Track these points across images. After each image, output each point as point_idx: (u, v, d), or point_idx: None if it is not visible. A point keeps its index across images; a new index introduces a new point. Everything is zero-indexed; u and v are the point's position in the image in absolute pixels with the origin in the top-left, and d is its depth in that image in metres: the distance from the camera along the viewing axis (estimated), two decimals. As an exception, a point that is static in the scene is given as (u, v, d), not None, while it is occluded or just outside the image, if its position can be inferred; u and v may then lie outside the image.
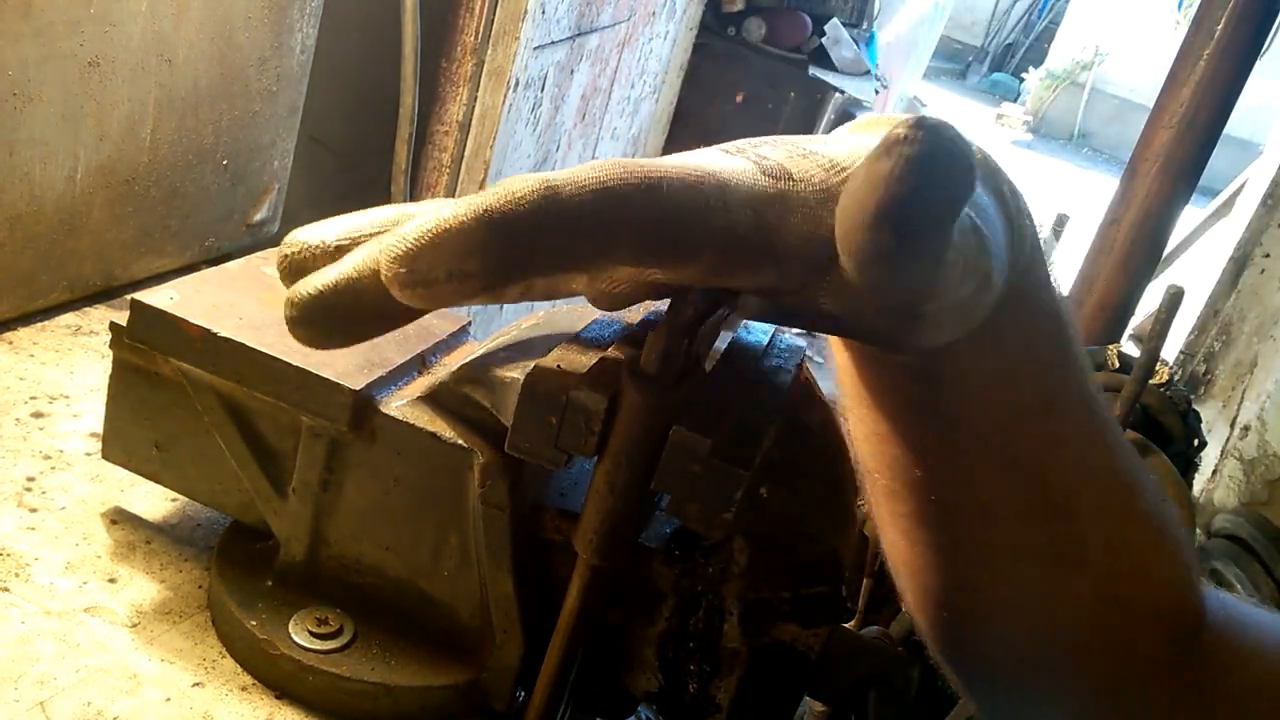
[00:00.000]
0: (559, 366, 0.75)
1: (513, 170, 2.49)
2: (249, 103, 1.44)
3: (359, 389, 0.81)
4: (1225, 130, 2.22)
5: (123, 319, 0.86)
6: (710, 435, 0.70)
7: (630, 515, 0.75)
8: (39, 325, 1.24)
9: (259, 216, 1.55)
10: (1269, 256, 3.67)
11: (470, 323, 1.00)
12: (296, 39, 1.49)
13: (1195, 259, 4.41)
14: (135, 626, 0.86)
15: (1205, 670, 0.67)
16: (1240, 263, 3.77)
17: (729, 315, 0.82)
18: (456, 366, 0.83)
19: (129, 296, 0.85)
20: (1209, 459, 3.42)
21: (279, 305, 0.55)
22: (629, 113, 3.49)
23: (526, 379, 0.73)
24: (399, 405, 0.83)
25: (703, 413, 0.71)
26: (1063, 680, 0.70)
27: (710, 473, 0.70)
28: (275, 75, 1.47)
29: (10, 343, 1.19)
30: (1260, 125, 10.88)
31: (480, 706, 0.87)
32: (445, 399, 0.83)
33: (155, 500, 1.00)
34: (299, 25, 1.48)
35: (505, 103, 2.20)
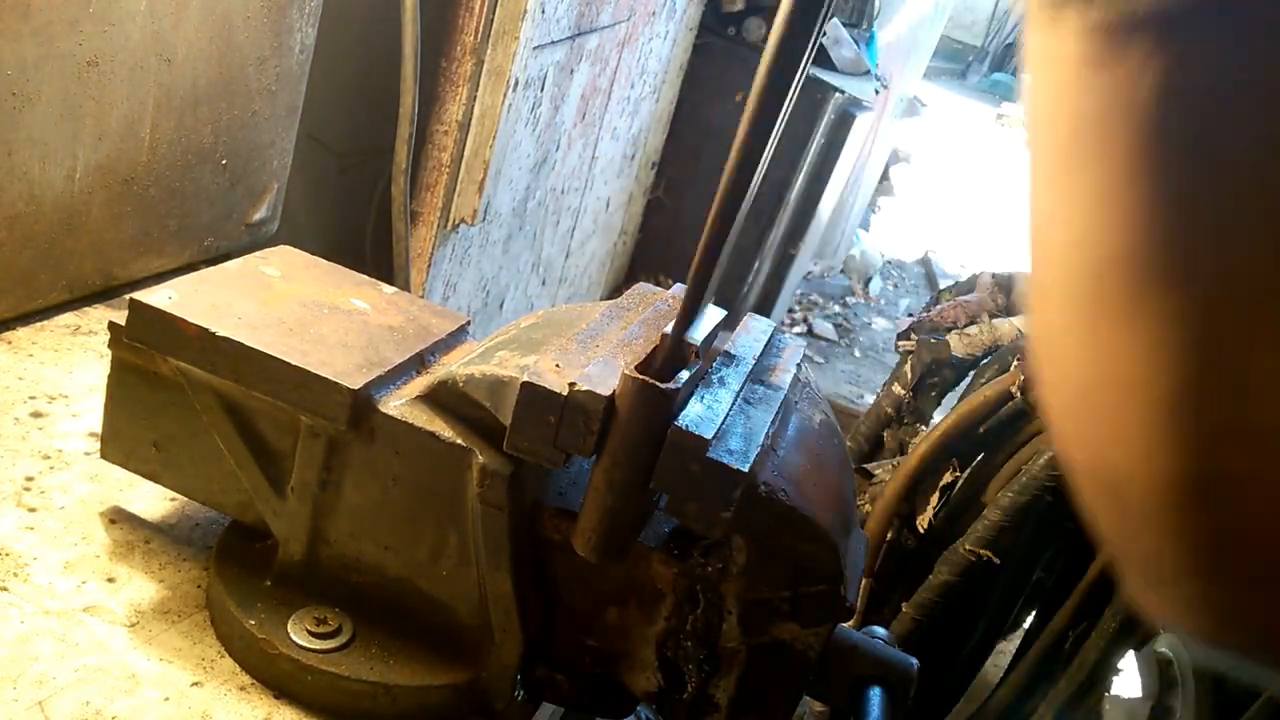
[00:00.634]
0: (558, 366, 0.75)
1: (512, 170, 2.48)
2: (248, 102, 1.44)
3: (357, 388, 0.81)
4: (1226, 130, 2.22)
5: (122, 319, 0.86)
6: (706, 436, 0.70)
7: (629, 514, 0.75)
8: (38, 325, 1.24)
9: (258, 216, 1.55)
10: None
11: (469, 322, 0.99)
12: (295, 39, 1.49)
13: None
14: (134, 626, 0.86)
15: None
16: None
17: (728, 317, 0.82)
18: (455, 366, 0.83)
19: (128, 296, 0.85)
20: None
21: (278, 305, 0.55)
22: (629, 113, 3.49)
23: (525, 379, 0.73)
24: (398, 404, 0.83)
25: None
26: None
27: (709, 472, 0.70)
28: (274, 75, 1.47)
29: (9, 342, 1.19)
30: (1260, 125, 10.87)
31: (479, 706, 0.87)
32: (444, 398, 0.83)
33: (154, 500, 1.00)
34: (298, 25, 1.48)
35: (505, 103, 2.20)
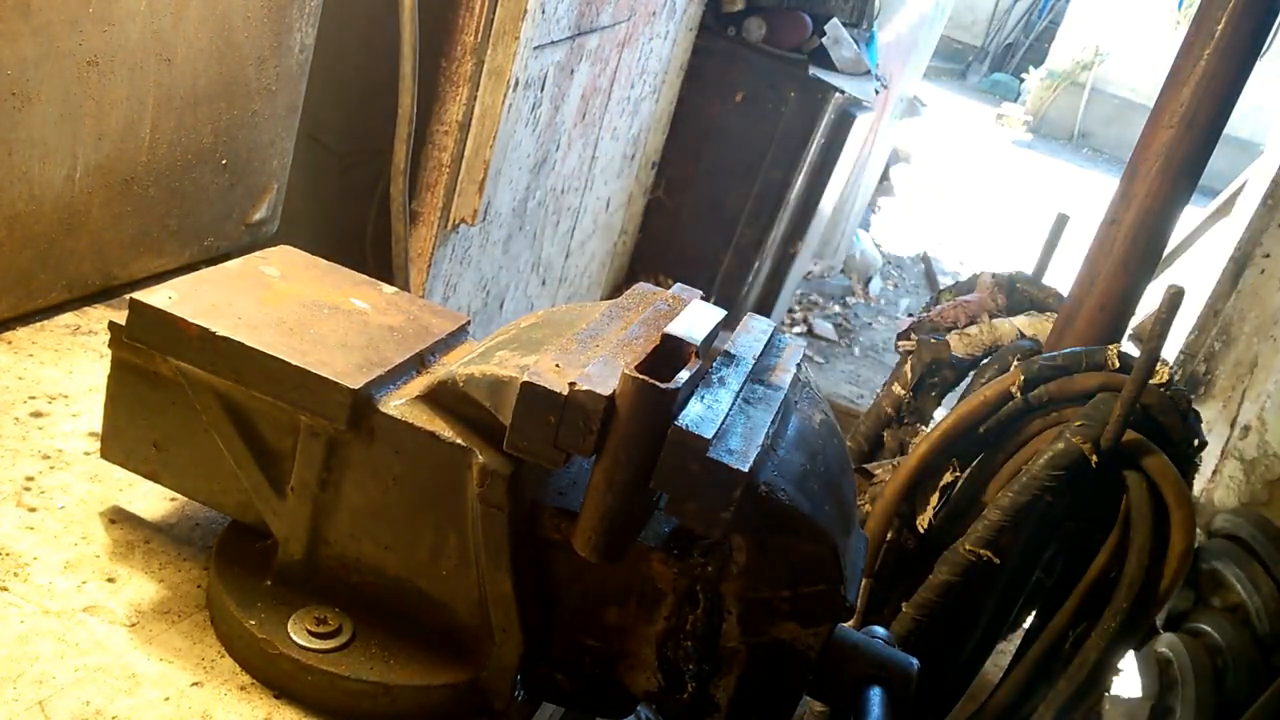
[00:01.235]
0: (558, 366, 0.75)
1: (512, 170, 2.48)
2: (248, 102, 1.44)
3: (357, 388, 0.81)
4: (1225, 130, 2.21)
5: (122, 318, 0.86)
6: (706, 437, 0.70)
7: (629, 514, 0.75)
8: (38, 325, 1.24)
9: (258, 216, 1.55)
10: (1269, 256, 3.67)
11: (469, 322, 0.99)
12: (295, 38, 1.49)
13: (1195, 259, 4.41)
14: (134, 626, 0.86)
15: None
16: (1240, 263, 3.77)
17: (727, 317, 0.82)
18: (455, 366, 0.83)
19: (128, 296, 0.85)
20: (1209, 459, 3.41)
21: (278, 305, 0.55)
22: (629, 113, 3.49)
23: (525, 378, 0.73)
24: (397, 404, 0.83)
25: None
26: None
27: (709, 471, 0.70)
28: (274, 75, 1.47)
29: (9, 342, 1.19)
30: (1260, 125, 10.86)
31: (479, 705, 0.87)
32: (444, 398, 0.83)
33: (154, 500, 1.00)
34: (298, 25, 1.48)
35: (505, 103, 2.20)
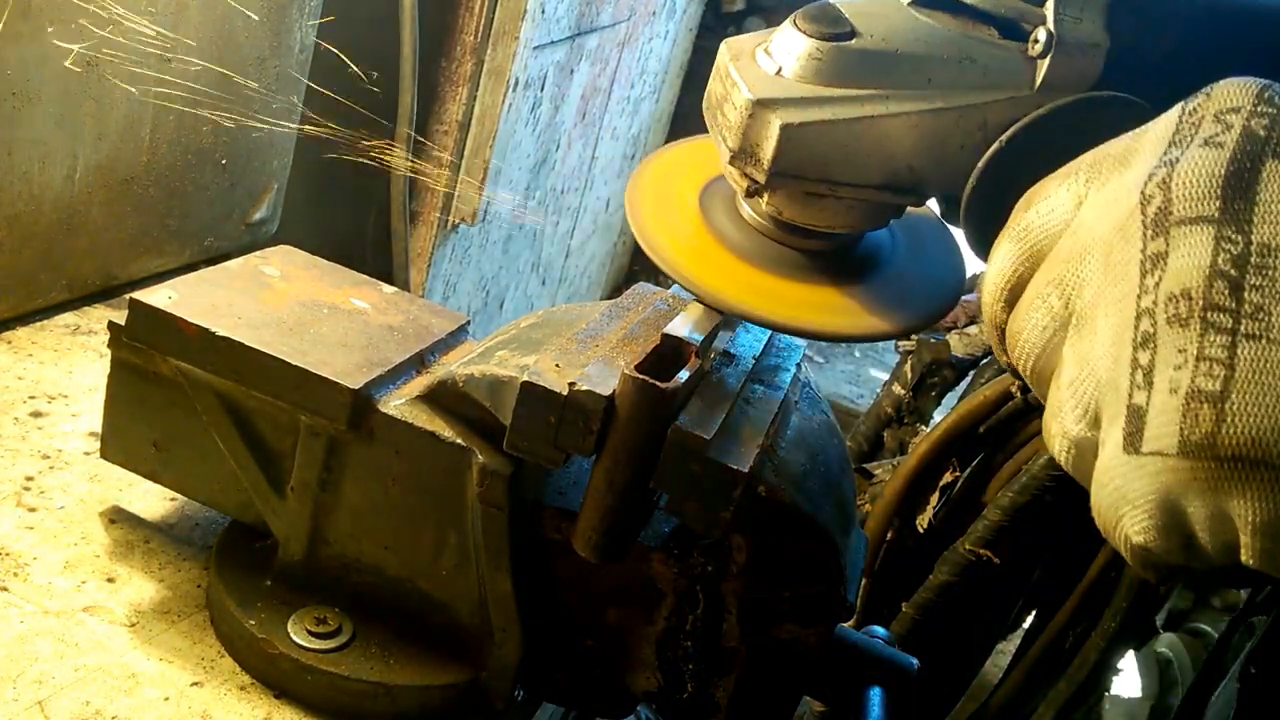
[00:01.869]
0: (558, 365, 0.75)
1: (512, 170, 2.48)
2: (248, 102, 1.44)
3: (357, 388, 0.81)
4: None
5: (121, 318, 0.86)
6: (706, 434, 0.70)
7: (629, 514, 0.75)
8: (38, 325, 1.24)
9: (258, 216, 1.55)
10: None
11: (469, 322, 0.99)
12: (295, 38, 1.49)
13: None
14: (134, 626, 0.86)
15: None
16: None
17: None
18: (455, 366, 0.83)
19: (128, 296, 0.85)
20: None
21: (277, 305, 0.55)
22: (629, 113, 3.49)
23: (525, 378, 0.73)
24: (397, 404, 0.83)
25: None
26: None
27: (709, 471, 0.70)
28: (274, 75, 1.47)
29: (9, 342, 1.19)
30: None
31: (479, 706, 0.87)
32: (444, 398, 0.83)
33: (154, 499, 1.00)
34: (298, 25, 1.48)
35: (505, 103, 2.20)
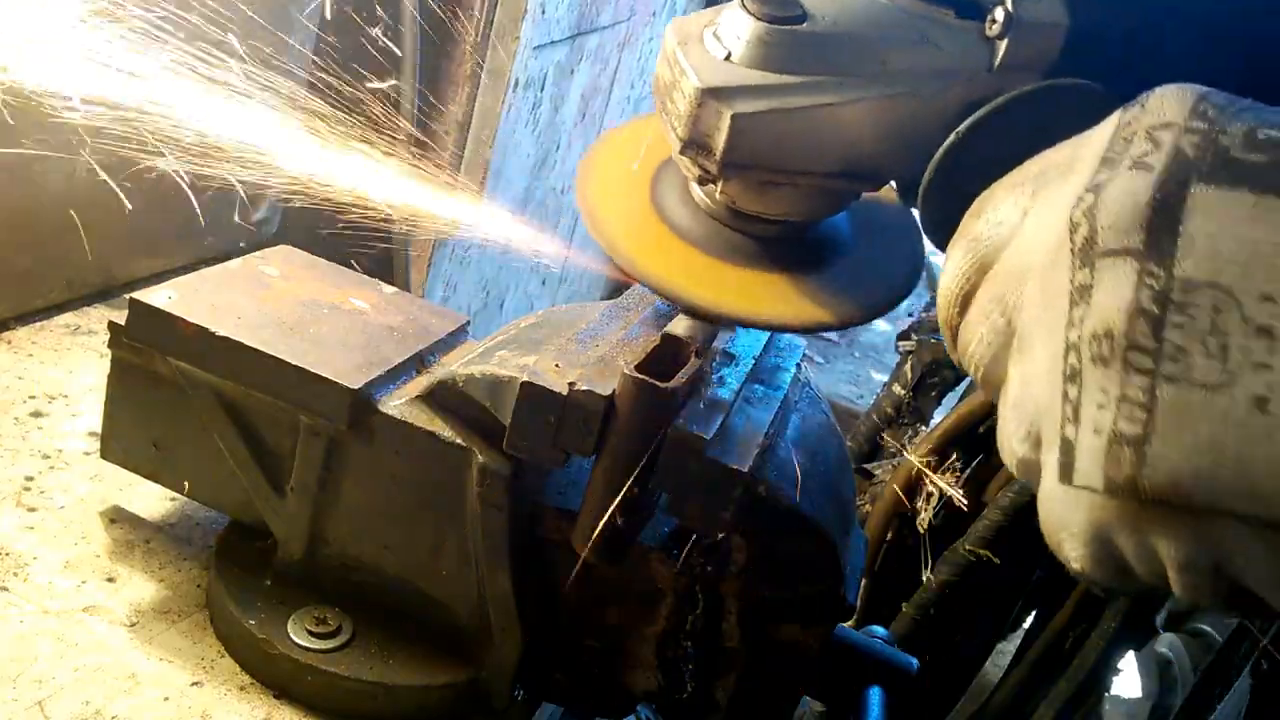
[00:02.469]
0: (558, 366, 0.75)
1: (513, 170, 2.48)
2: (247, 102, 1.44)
3: (357, 388, 0.81)
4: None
5: (121, 318, 0.86)
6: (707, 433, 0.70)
7: (629, 514, 0.75)
8: (38, 325, 1.24)
9: (258, 216, 1.55)
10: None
11: (469, 322, 0.99)
12: (296, 38, 1.49)
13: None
14: (134, 626, 0.86)
15: None
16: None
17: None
18: (455, 366, 0.83)
19: (128, 296, 0.85)
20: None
21: (277, 305, 0.55)
22: (629, 113, 3.49)
23: (525, 378, 0.73)
24: (397, 404, 0.83)
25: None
26: None
27: (709, 471, 0.70)
28: (275, 75, 1.47)
29: (9, 342, 1.19)
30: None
31: (479, 705, 0.87)
32: (444, 398, 0.82)
33: (154, 499, 1.00)
34: (299, 25, 1.48)
35: (505, 103, 2.20)
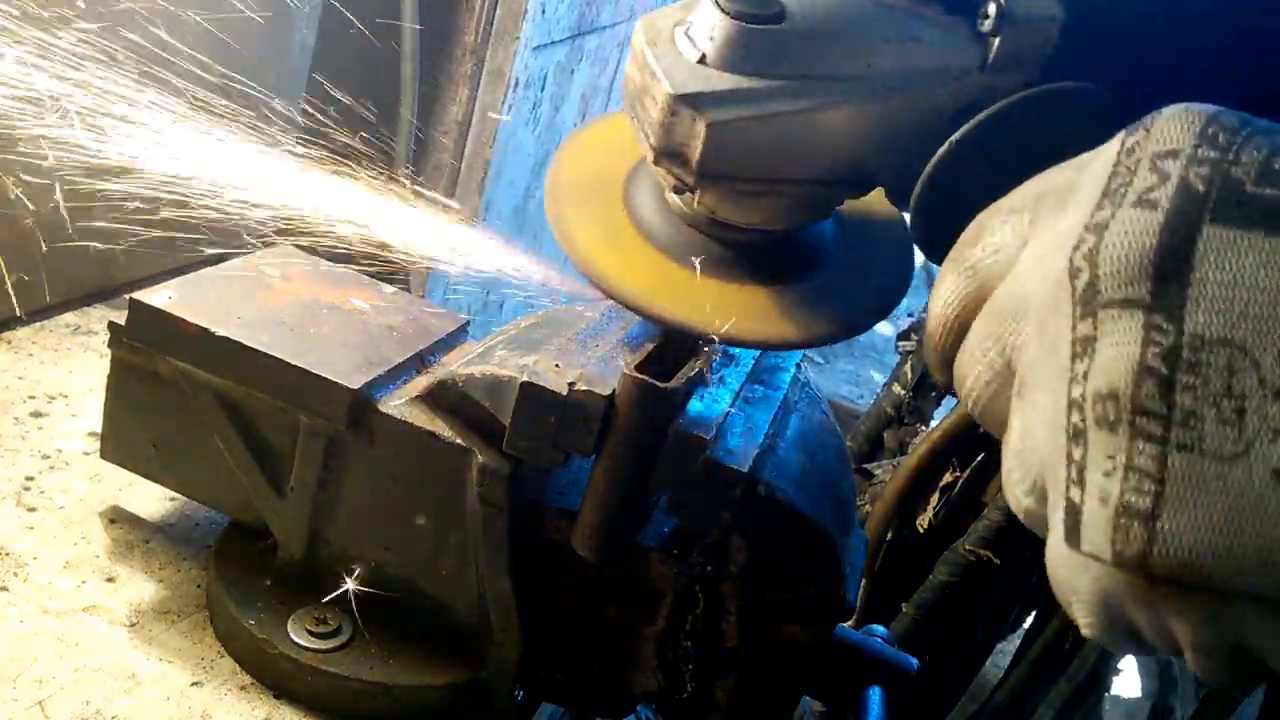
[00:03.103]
0: (558, 366, 0.75)
1: (512, 170, 2.48)
2: (247, 102, 1.44)
3: (357, 388, 0.81)
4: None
5: (122, 318, 0.86)
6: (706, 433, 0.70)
7: (629, 514, 0.75)
8: (38, 325, 1.24)
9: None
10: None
11: (469, 322, 0.99)
12: (296, 39, 1.49)
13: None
14: (134, 626, 0.86)
15: None
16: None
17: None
18: (455, 366, 0.83)
19: (128, 296, 0.85)
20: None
21: (277, 305, 0.55)
22: (629, 113, 3.49)
23: (525, 378, 0.73)
24: (397, 404, 0.83)
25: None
26: None
27: (709, 472, 0.70)
28: (275, 75, 1.47)
29: (9, 342, 1.19)
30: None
31: (479, 705, 0.87)
32: (444, 398, 0.82)
33: (154, 499, 1.00)
34: (299, 25, 1.48)
35: (505, 103, 2.20)
